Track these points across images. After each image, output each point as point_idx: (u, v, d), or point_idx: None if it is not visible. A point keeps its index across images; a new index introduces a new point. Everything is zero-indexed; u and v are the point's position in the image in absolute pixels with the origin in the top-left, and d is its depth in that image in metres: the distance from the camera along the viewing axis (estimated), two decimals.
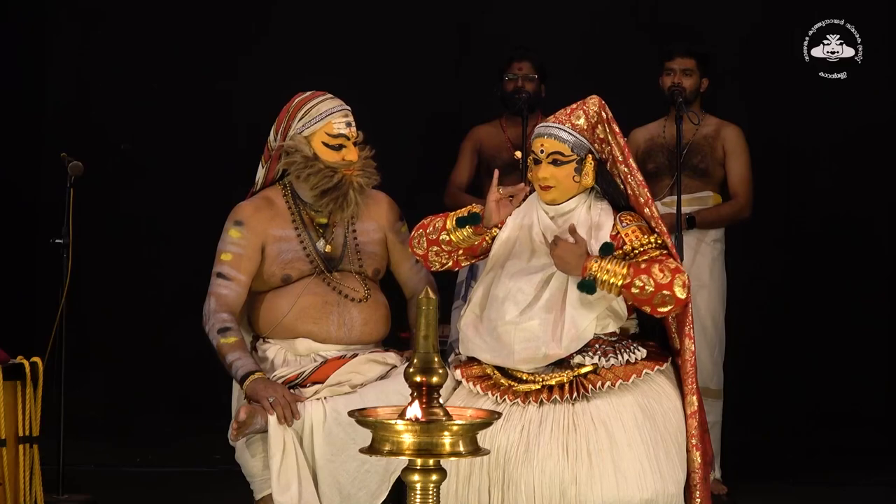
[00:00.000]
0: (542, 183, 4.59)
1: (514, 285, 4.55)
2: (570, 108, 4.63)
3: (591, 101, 4.64)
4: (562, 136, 4.57)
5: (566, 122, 4.60)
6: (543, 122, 4.67)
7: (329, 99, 5.00)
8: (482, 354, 4.59)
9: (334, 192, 4.92)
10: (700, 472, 4.54)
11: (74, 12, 8.24)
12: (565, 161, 4.57)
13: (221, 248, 4.94)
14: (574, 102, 4.65)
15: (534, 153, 4.61)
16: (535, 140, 4.63)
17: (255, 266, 4.93)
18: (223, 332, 4.83)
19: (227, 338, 4.82)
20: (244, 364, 4.78)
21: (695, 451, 4.53)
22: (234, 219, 4.96)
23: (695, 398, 4.56)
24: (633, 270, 4.41)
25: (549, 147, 4.58)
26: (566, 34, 8.01)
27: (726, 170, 6.57)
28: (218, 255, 4.94)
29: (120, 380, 8.03)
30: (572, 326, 4.48)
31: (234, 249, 4.91)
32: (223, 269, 4.91)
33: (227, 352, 4.81)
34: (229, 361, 4.80)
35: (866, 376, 7.99)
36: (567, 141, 4.57)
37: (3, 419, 4.97)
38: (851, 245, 7.97)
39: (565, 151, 4.57)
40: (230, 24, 8.15)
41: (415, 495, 3.40)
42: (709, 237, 6.49)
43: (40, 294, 7.87)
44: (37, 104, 8.25)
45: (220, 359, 4.84)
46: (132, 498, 6.25)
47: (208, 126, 8.00)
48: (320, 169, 4.91)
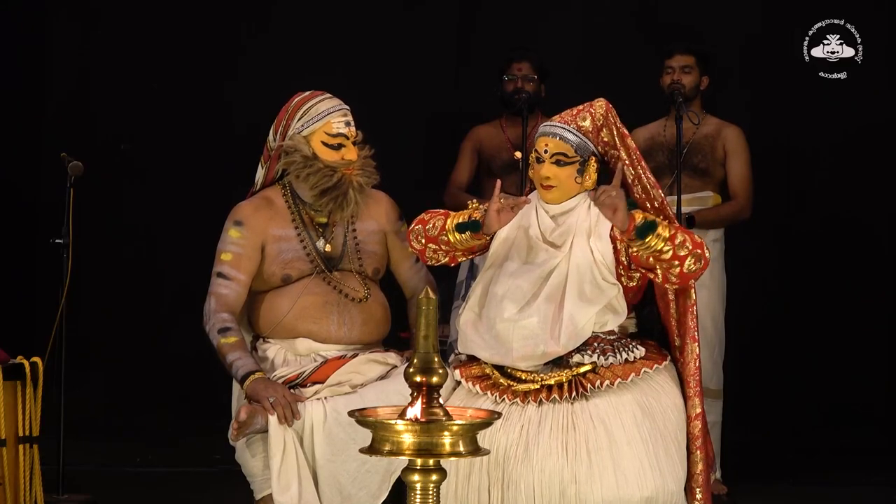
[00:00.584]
0: (545, 182, 4.59)
1: (513, 283, 4.55)
2: (577, 109, 4.63)
3: (597, 104, 4.63)
4: (567, 136, 4.57)
5: (571, 122, 4.60)
6: (549, 121, 4.66)
7: (328, 98, 5.00)
8: (481, 352, 4.59)
9: (334, 191, 4.92)
10: (703, 475, 4.54)
11: (74, 12, 8.24)
12: (568, 162, 4.57)
13: (221, 248, 4.93)
14: (580, 104, 4.64)
15: (537, 151, 4.61)
16: (539, 138, 4.62)
17: (255, 266, 4.93)
18: (223, 331, 4.83)
19: (227, 337, 4.82)
20: (244, 364, 4.78)
21: (698, 454, 4.53)
22: (234, 218, 4.96)
23: (698, 400, 4.56)
24: (676, 227, 4.42)
25: (554, 147, 4.57)
26: (567, 34, 8.01)
27: (726, 170, 6.58)
28: (218, 255, 4.94)
29: (120, 380, 8.03)
30: (571, 324, 4.48)
31: (234, 249, 4.91)
32: (223, 268, 4.91)
33: (227, 352, 4.81)
34: (230, 361, 4.80)
35: (866, 376, 7.98)
36: (571, 142, 4.57)
37: (3, 419, 4.97)
38: (851, 245, 7.97)
39: (569, 152, 4.57)
40: (230, 24, 8.15)
41: (415, 495, 3.41)
42: (708, 237, 6.48)
43: (40, 294, 7.87)
44: (37, 104, 8.25)
45: (221, 359, 4.84)
46: (132, 498, 6.25)
47: (208, 126, 8.00)
48: (319, 168, 4.91)
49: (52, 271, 6.06)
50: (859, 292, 7.98)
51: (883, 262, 8.02)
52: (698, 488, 4.54)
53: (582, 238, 4.56)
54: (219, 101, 8.04)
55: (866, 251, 7.98)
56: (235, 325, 4.86)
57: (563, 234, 4.58)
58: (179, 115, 8.06)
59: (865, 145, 7.94)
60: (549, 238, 4.59)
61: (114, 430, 7.54)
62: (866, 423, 7.84)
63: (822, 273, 7.99)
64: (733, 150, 6.57)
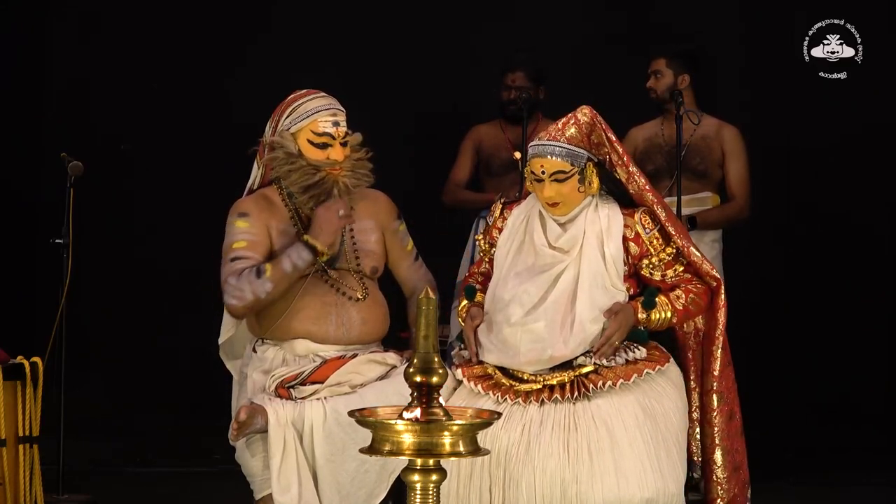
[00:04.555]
0: (549, 201, 4.59)
1: (520, 287, 4.55)
2: (561, 122, 4.62)
3: (580, 113, 4.63)
4: (559, 152, 4.57)
5: (560, 137, 4.59)
6: (537, 141, 4.64)
7: (320, 97, 4.96)
8: (489, 356, 4.60)
9: (315, 189, 4.87)
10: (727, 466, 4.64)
11: (74, 12, 8.24)
12: (568, 176, 4.57)
13: (231, 241, 4.85)
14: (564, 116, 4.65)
15: (534, 173, 4.60)
16: (532, 160, 4.60)
17: (268, 251, 4.86)
18: (258, 272, 4.77)
19: (265, 271, 4.76)
20: (289, 252, 4.75)
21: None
22: (238, 211, 4.91)
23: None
24: (678, 317, 4.61)
25: (550, 167, 4.57)
26: (567, 33, 8.01)
27: (725, 171, 6.58)
28: (228, 248, 4.84)
29: (120, 380, 8.03)
30: (581, 329, 4.49)
31: (246, 237, 4.84)
32: (238, 253, 4.82)
33: (277, 270, 4.74)
34: (287, 268, 4.74)
35: (866, 376, 7.98)
36: (565, 157, 4.57)
37: (3, 419, 4.97)
38: (851, 244, 7.97)
39: (566, 168, 4.57)
40: (230, 24, 8.14)
41: (415, 495, 3.40)
42: (708, 237, 6.49)
43: (40, 294, 7.87)
44: (37, 104, 8.25)
45: (287, 282, 4.76)
46: (132, 498, 6.25)
47: (208, 126, 7.99)
48: (302, 166, 4.88)
49: (52, 271, 6.07)
50: (859, 292, 7.98)
51: (883, 261, 8.02)
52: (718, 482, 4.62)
53: (592, 242, 4.56)
54: (219, 101, 8.03)
55: (866, 251, 7.98)
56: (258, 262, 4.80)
57: (571, 240, 4.58)
58: (179, 114, 8.06)
59: (865, 145, 7.93)
60: (556, 244, 4.59)
61: (114, 430, 7.54)
62: (866, 422, 7.84)
63: (822, 273, 7.99)
64: (731, 151, 6.58)
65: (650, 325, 4.57)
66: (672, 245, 4.58)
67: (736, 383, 4.75)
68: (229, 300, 4.81)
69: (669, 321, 4.59)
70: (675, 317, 4.59)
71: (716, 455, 4.67)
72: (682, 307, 4.58)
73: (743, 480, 4.72)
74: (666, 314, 4.57)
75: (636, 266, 4.59)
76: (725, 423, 4.67)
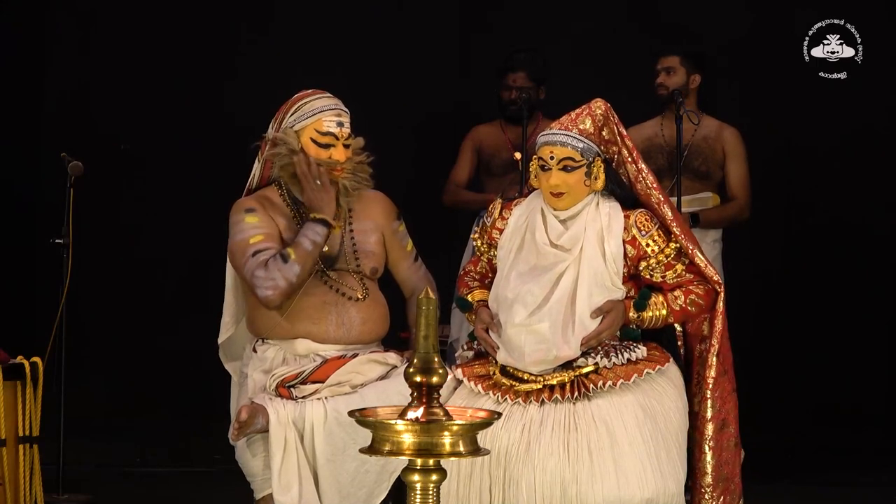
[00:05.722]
0: (555, 190, 4.56)
1: (523, 287, 4.54)
2: (576, 112, 4.61)
3: (596, 105, 4.61)
4: (570, 142, 4.55)
5: (573, 127, 4.57)
6: (549, 129, 4.63)
7: (326, 97, 4.97)
8: (497, 354, 4.59)
9: None
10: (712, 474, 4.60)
11: (74, 12, 8.24)
12: (576, 167, 4.55)
13: (246, 237, 4.82)
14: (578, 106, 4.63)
15: (542, 160, 4.58)
16: (542, 148, 4.58)
17: (282, 241, 4.85)
18: (283, 258, 4.76)
19: (289, 255, 4.76)
20: (304, 232, 4.77)
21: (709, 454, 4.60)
22: (244, 208, 4.89)
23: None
24: (675, 317, 4.60)
25: (560, 154, 4.54)
26: (567, 33, 8.01)
27: (725, 172, 6.59)
28: (244, 244, 4.81)
29: (120, 380, 8.03)
30: (582, 328, 4.48)
31: (260, 231, 4.83)
32: (258, 247, 4.80)
33: (300, 251, 4.75)
34: (308, 246, 4.76)
35: (867, 376, 7.99)
36: (576, 147, 4.55)
37: (3, 419, 4.97)
38: (851, 244, 7.97)
39: (576, 157, 4.55)
40: (230, 24, 8.14)
41: (415, 495, 3.40)
42: (708, 237, 6.49)
43: (40, 294, 7.87)
44: (37, 104, 8.24)
45: (312, 261, 4.78)
46: (132, 498, 6.25)
47: (208, 126, 7.99)
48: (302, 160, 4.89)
49: (52, 271, 6.07)
50: (859, 292, 7.98)
51: (883, 262, 8.02)
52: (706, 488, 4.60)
53: (593, 241, 4.55)
54: (218, 102, 8.04)
55: (866, 251, 7.98)
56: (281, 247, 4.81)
57: (573, 238, 4.56)
58: (179, 115, 8.06)
59: (865, 145, 7.94)
60: (558, 242, 4.57)
61: (114, 430, 7.54)
62: (866, 423, 7.84)
63: (822, 273, 7.99)
64: (732, 152, 6.58)
65: (643, 324, 4.56)
66: (675, 242, 4.56)
67: (735, 394, 4.71)
68: (264, 292, 4.78)
69: (665, 320, 4.57)
70: (672, 317, 4.57)
71: (702, 462, 4.64)
72: (679, 308, 4.57)
73: (732, 492, 4.69)
74: (660, 313, 4.55)
75: (636, 268, 4.58)
76: (717, 432, 4.64)
